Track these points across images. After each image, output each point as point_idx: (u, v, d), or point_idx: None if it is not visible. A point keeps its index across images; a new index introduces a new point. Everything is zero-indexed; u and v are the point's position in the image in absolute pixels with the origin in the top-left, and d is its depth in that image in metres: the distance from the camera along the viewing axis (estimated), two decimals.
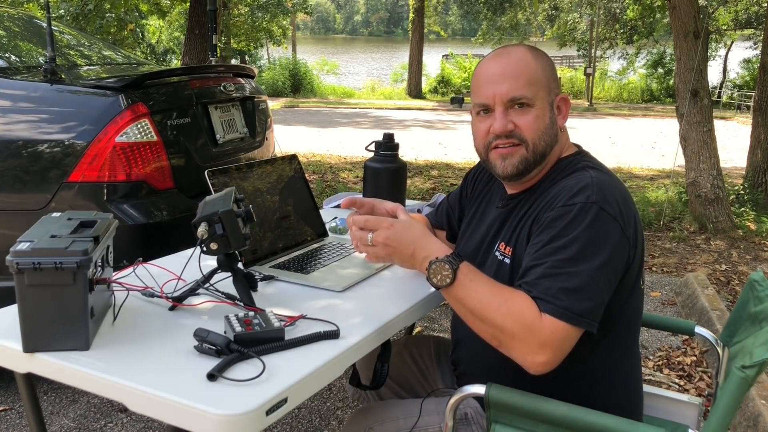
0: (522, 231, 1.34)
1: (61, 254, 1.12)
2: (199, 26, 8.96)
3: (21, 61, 2.91)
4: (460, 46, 24.83)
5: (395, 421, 1.42)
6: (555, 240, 1.22)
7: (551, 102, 1.37)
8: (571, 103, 1.42)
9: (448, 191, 6.68)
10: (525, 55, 1.35)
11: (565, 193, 1.26)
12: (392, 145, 1.91)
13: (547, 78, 1.36)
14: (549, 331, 1.16)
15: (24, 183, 2.41)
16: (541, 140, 1.35)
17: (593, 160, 1.41)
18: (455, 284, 1.23)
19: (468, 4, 23.49)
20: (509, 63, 1.35)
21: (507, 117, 1.34)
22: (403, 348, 1.76)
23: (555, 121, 1.38)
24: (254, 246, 1.64)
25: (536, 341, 1.16)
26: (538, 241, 1.25)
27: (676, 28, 5.24)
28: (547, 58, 1.40)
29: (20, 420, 2.46)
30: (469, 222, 1.58)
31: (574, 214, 1.22)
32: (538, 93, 1.34)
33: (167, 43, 21.43)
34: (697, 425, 1.62)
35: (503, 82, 1.33)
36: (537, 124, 1.34)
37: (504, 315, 1.18)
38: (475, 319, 1.23)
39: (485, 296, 1.21)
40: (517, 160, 1.35)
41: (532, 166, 1.36)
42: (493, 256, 1.40)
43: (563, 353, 1.17)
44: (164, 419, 1.06)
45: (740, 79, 21.89)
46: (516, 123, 1.34)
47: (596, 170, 1.33)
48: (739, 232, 5.27)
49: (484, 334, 1.23)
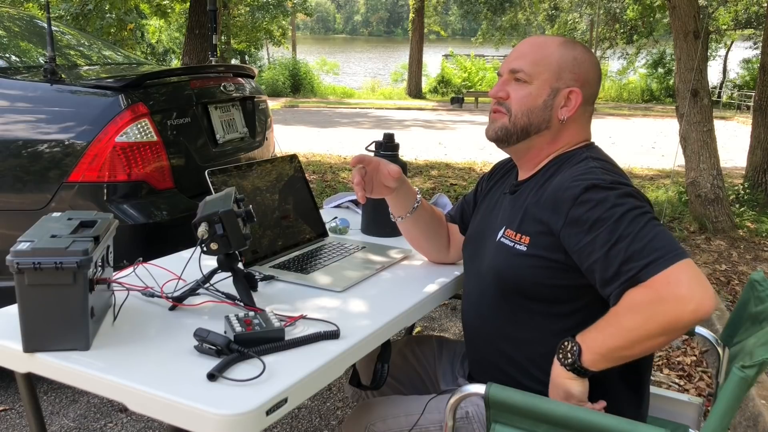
0: (531, 218, 1.34)
1: (61, 254, 1.12)
2: (199, 26, 8.97)
3: (21, 61, 2.91)
4: (460, 46, 24.81)
5: (396, 419, 1.42)
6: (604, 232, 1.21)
7: (556, 88, 1.39)
8: (581, 100, 1.39)
9: (448, 191, 6.69)
10: (551, 42, 1.42)
11: (575, 182, 1.27)
12: (392, 145, 1.91)
13: (561, 65, 1.39)
14: (669, 281, 1.13)
15: (24, 183, 2.41)
16: (524, 116, 1.40)
17: (599, 152, 1.42)
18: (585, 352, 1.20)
19: (468, 4, 23.50)
20: (531, 43, 1.44)
21: (505, 86, 1.43)
22: (405, 347, 1.76)
23: (551, 106, 1.39)
24: (254, 246, 1.64)
25: (672, 297, 1.13)
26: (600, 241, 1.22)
27: (676, 28, 5.23)
28: (577, 53, 1.41)
29: (20, 420, 2.46)
30: (479, 209, 1.60)
31: (602, 195, 1.23)
32: (542, 74, 1.39)
33: (167, 43, 21.44)
34: (697, 425, 1.62)
35: (517, 57, 1.42)
36: (526, 100, 1.40)
37: (640, 326, 1.15)
38: (633, 352, 1.19)
39: (619, 334, 1.17)
40: (498, 127, 1.44)
41: (511, 136, 1.42)
42: (497, 242, 1.40)
43: (702, 283, 1.13)
44: (164, 419, 1.06)
45: (740, 79, 21.90)
46: (510, 93, 1.42)
47: (599, 161, 1.35)
48: (739, 232, 5.27)
49: (650, 350, 1.21)
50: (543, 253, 1.31)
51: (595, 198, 1.23)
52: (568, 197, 1.26)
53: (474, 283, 1.50)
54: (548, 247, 1.30)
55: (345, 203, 2.30)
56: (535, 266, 1.32)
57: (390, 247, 1.84)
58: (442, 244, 1.71)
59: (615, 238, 1.19)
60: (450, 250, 1.72)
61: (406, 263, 1.74)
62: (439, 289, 1.58)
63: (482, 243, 1.48)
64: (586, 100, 1.41)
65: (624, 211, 1.21)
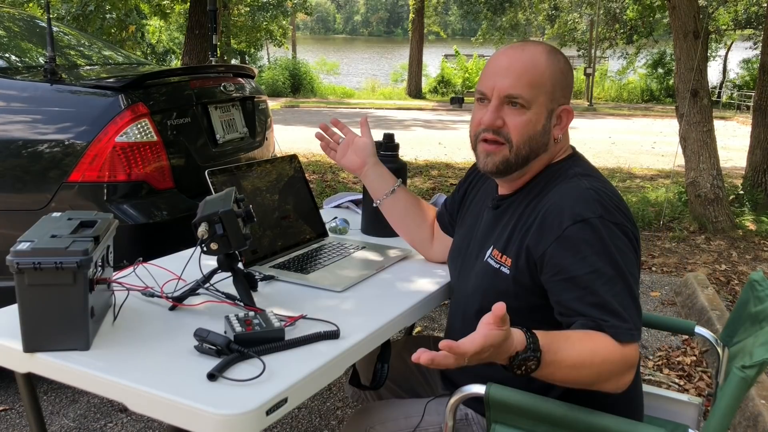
0: (517, 240, 1.32)
1: (61, 254, 1.12)
2: (199, 26, 8.97)
3: (21, 61, 2.91)
4: (460, 46, 24.76)
5: (396, 421, 1.42)
6: (588, 267, 1.19)
7: (551, 110, 1.34)
8: (573, 116, 1.38)
9: (448, 191, 6.69)
10: (539, 55, 1.32)
11: (565, 211, 1.24)
12: (392, 145, 1.91)
13: (554, 84, 1.32)
14: (632, 356, 1.16)
15: (24, 183, 2.41)
16: (527, 145, 1.33)
17: (585, 164, 1.38)
18: (540, 368, 1.14)
19: (468, 4, 23.48)
20: (519, 58, 1.32)
21: (499, 112, 1.32)
22: (404, 348, 1.76)
23: (549, 130, 1.34)
24: (254, 246, 1.64)
25: (626, 369, 1.17)
26: (571, 275, 1.20)
27: (676, 28, 5.23)
28: (564, 64, 1.35)
29: (20, 420, 2.46)
30: (463, 217, 1.59)
31: (589, 235, 1.20)
32: (538, 97, 1.31)
33: (167, 43, 21.43)
34: (697, 425, 1.62)
35: (506, 76, 1.31)
36: (527, 128, 1.32)
37: (599, 367, 1.15)
38: (568, 380, 1.18)
39: (573, 362, 1.13)
40: (499, 160, 1.34)
41: (513, 167, 1.35)
42: (485, 262, 1.38)
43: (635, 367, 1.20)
44: (164, 419, 1.06)
45: (740, 79, 21.88)
46: (506, 121, 1.32)
47: (589, 177, 1.32)
48: (738, 232, 5.27)
49: (579, 385, 1.19)
50: (525, 277, 1.29)
51: (581, 236, 1.20)
52: (555, 226, 1.23)
53: (461, 302, 1.48)
54: (530, 270, 1.28)
55: (345, 203, 2.30)
56: (518, 288, 1.30)
57: (390, 247, 1.84)
58: (423, 237, 1.72)
59: (592, 285, 1.18)
60: (433, 243, 1.72)
61: (406, 263, 1.74)
62: (439, 289, 1.58)
63: (468, 260, 1.46)
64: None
65: (610, 254, 1.19)
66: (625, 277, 1.19)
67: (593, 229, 1.20)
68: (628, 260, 1.21)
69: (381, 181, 1.70)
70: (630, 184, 7.47)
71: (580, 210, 1.22)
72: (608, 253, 1.19)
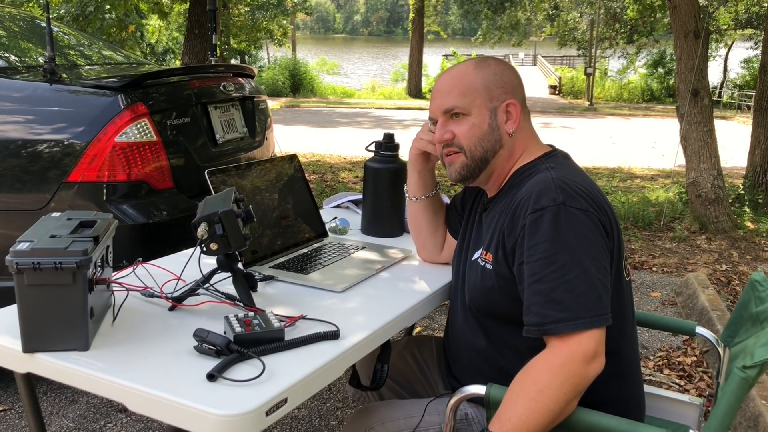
0: (495, 235, 1.36)
1: (60, 254, 1.11)
2: (199, 26, 8.96)
3: (21, 60, 2.91)
4: (460, 46, 24.80)
5: (396, 422, 1.42)
6: (540, 254, 1.22)
7: (493, 108, 1.41)
8: (520, 108, 1.42)
9: (448, 191, 6.68)
10: (465, 68, 1.43)
11: (530, 200, 1.27)
12: (392, 145, 1.91)
13: (487, 86, 1.40)
14: (585, 345, 1.17)
15: (23, 183, 2.41)
16: (478, 146, 1.41)
17: (558, 160, 1.42)
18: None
19: (468, 3, 23.48)
20: (449, 77, 1.44)
21: (445, 127, 1.43)
22: (404, 348, 1.76)
23: (497, 127, 1.41)
24: (254, 246, 1.64)
25: (581, 361, 1.16)
26: (528, 271, 1.24)
27: (677, 28, 5.23)
28: (493, 67, 1.42)
29: (20, 420, 2.46)
30: (465, 222, 1.62)
31: (546, 222, 1.23)
32: (474, 101, 1.40)
33: (167, 43, 21.43)
34: (697, 425, 1.62)
35: (441, 95, 1.43)
36: (472, 131, 1.40)
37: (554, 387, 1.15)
38: (542, 417, 1.17)
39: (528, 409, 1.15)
40: (459, 167, 1.44)
41: (475, 170, 1.43)
42: (474, 262, 1.43)
43: (601, 353, 1.19)
44: (164, 419, 1.05)
45: (740, 79, 21.91)
46: (454, 132, 1.42)
47: (557, 169, 1.34)
48: (739, 232, 5.27)
49: (560, 406, 1.18)
50: (504, 269, 1.32)
51: (538, 225, 1.24)
52: (520, 217, 1.28)
53: (459, 306, 1.51)
54: (507, 262, 1.32)
55: (345, 203, 2.30)
56: (500, 281, 1.33)
57: (390, 247, 1.84)
58: (437, 242, 1.73)
59: (543, 275, 1.21)
60: (443, 250, 1.74)
61: (406, 263, 1.74)
62: (439, 289, 1.58)
63: (464, 262, 1.51)
64: (522, 105, 1.44)
65: (565, 241, 1.21)
66: (581, 263, 1.20)
67: (550, 216, 1.23)
68: (590, 245, 1.22)
69: (430, 179, 1.71)
70: (630, 184, 7.47)
71: (540, 199, 1.26)
72: (564, 240, 1.22)
